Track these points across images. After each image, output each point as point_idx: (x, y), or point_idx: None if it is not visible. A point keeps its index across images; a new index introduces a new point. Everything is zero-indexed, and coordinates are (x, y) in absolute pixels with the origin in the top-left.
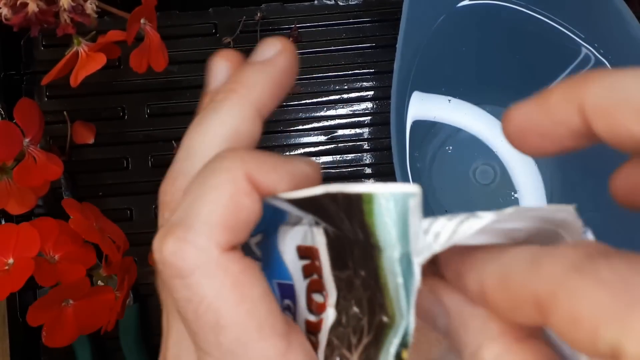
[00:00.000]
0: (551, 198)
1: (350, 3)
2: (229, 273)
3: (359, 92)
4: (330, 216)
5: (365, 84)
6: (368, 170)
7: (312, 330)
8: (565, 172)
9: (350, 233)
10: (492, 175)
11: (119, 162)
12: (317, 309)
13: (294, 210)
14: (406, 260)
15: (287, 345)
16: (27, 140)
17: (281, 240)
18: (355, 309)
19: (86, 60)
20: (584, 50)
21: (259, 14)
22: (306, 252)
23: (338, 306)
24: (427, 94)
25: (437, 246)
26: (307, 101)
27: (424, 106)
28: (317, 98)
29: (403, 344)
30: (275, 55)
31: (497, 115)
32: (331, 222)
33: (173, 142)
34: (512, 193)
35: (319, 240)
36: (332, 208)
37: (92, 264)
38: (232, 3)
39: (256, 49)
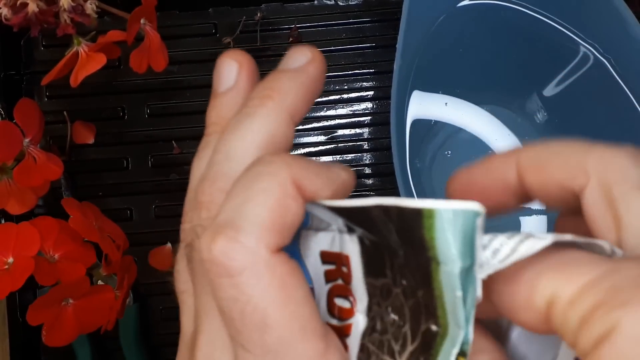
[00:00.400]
0: None
1: (350, 3)
2: (276, 274)
3: (359, 92)
4: (375, 226)
5: (365, 84)
6: (368, 170)
7: (337, 334)
8: None
9: (395, 244)
10: None
11: (119, 162)
12: (342, 313)
13: (328, 217)
14: (466, 274)
15: (326, 346)
16: (27, 140)
17: (303, 244)
18: (393, 316)
19: (86, 60)
20: (583, 50)
21: (259, 14)
22: (331, 258)
23: (370, 312)
24: (427, 94)
25: (499, 263)
26: None
27: (424, 106)
28: (316, 98)
29: (461, 353)
30: (306, 63)
31: (498, 115)
32: (374, 231)
33: (173, 142)
34: None
35: (350, 247)
36: (381, 220)
37: (91, 263)
38: (232, 3)
39: (287, 56)
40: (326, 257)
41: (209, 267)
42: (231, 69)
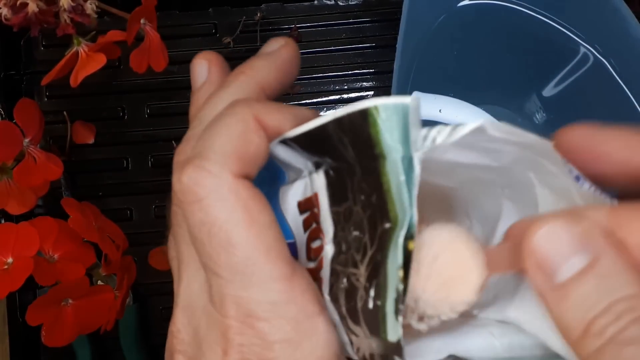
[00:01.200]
0: None
1: (350, 3)
2: (240, 197)
3: (359, 92)
4: (334, 146)
5: (365, 84)
6: None
7: (313, 276)
8: None
9: (352, 160)
10: None
11: (119, 162)
12: (315, 253)
13: (300, 163)
14: (407, 159)
15: (292, 270)
16: (27, 140)
17: (282, 200)
18: (356, 233)
19: (86, 60)
20: (583, 50)
21: (259, 14)
22: (306, 205)
23: (336, 239)
24: (427, 94)
25: (433, 144)
26: (307, 101)
27: (424, 106)
28: (317, 98)
29: (409, 237)
30: (279, 47)
31: (497, 115)
32: (334, 154)
33: (173, 142)
34: None
35: (318, 184)
36: (337, 135)
37: (91, 263)
38: (232, 3)
39: (264, 45)
40: (302, 206)
41: (181, 198)
42: (202, 67)
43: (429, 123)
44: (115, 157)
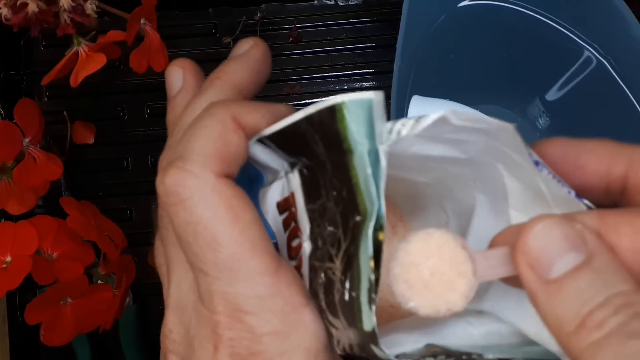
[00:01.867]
0: None
1: (350, 3)
2: (223, 196)
3: (359, 92)
4: (307, 143)
5: (365, 84)
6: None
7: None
8: None
9: (323, 156)
10: None
11: (119, 162)
12: (295, 252)
13: (276, 163)
14: (374, 152)
15: (278, 265)
16: (27, 140)
17: (262, 202)
18: (330, 228)
19: (86, 60)
20: (584, 51)
21: (259, 14)
22: (284, 205)
23: (312, 235)
24: (427, 94)
25: (398, 137)
26: (307, 101)
27: (424, 106)
28: (317, 98)
29: (378, 228)
30: (249, 48)
31: (498, 116)
32: (307, 151)
33: None
34: None
35: (294, 183)
36: (308, 132)
37: (90, 262)
38: (232, 3)
39: (233, 48)
40: (281, 206)
41: (165, 200)
42: (177, 74)
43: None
44: (115, 157)
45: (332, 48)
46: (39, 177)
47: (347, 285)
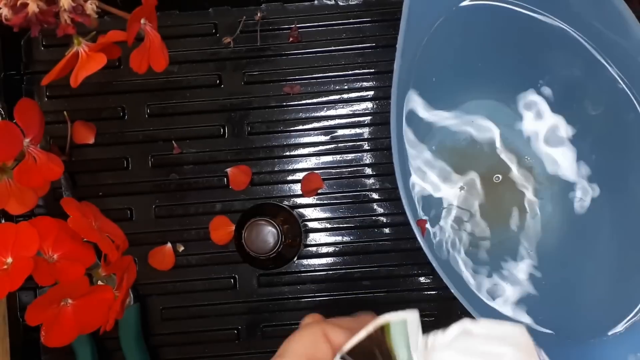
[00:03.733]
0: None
1: (350, 3)
2: None
3: (359, 92)
4: (373, 357)
5: (365, 84)
6: (368, 171)
7: None
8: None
9: None
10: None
11: (119, 162)
12: None
13: None
14: None
15: None
16: (27, 140)
17: None
18: None
19: (86, 61)
20: (584, 50)
21: (259, 14)
22: None
23: None
24: (427, 94)
25: (429, 347)
26: (307, 101)
27: (424, 106)
28: (317, 98)
29: None
30: None
31: (497, 114)
32: None
33: (173, 142)
34: (514, 190)
35: None
36: (370, 348)
37: (91, 263)
38: (232, 3)
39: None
40: None
41: None
42: None
43: (428, 122)
44: (115, 157)
45: (332, 48)
46: (39, 177)
47: None
